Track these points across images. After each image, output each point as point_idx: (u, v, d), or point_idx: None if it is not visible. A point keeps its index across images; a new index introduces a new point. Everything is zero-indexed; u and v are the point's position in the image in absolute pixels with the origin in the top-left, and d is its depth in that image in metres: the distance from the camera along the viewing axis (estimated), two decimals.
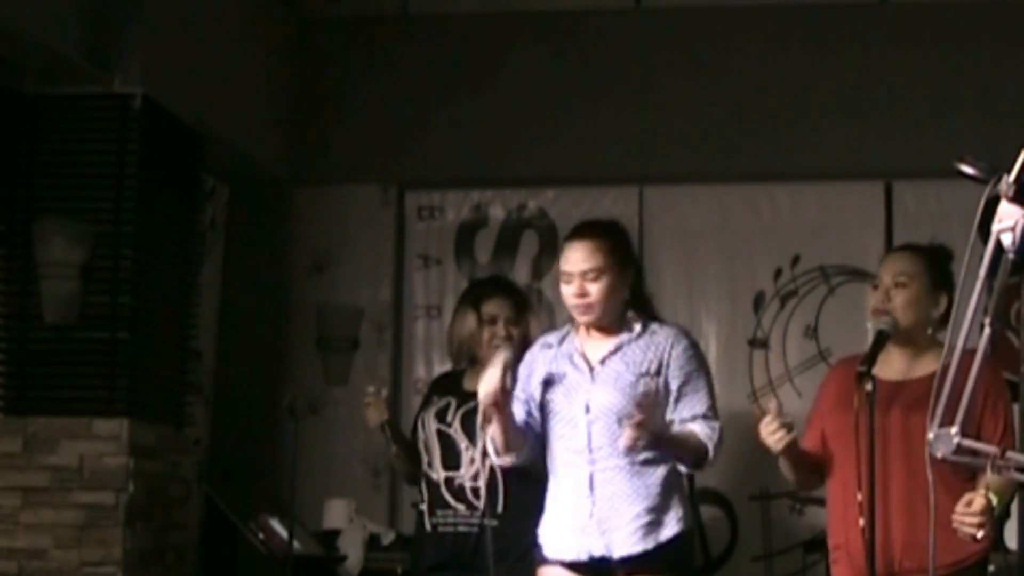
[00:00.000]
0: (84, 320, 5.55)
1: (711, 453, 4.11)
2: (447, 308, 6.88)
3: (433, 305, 7.09)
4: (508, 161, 7.03)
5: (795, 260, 6.93)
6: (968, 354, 2.91)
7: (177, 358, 6.02)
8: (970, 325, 2.85)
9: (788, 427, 3.92)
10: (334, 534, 6.48)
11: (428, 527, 4.89)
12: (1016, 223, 2.79)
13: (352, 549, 6.42)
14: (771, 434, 3.92)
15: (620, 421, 3.96)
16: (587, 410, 4.05)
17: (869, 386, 3.76)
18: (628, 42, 7.05)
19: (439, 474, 4.87)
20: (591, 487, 4.03)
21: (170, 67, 5.84)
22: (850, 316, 6.70)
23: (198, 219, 6.29)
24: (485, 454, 4.74)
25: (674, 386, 4.10)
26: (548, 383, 4.15)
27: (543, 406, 4.17)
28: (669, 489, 4.10)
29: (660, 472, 4.08)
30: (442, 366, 6.94)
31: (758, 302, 6.92)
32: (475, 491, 4.78)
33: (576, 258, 4.07)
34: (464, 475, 4.80)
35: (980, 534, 3.64)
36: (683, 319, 6.88)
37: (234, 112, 6.54)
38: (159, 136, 5.77)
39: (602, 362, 4.10)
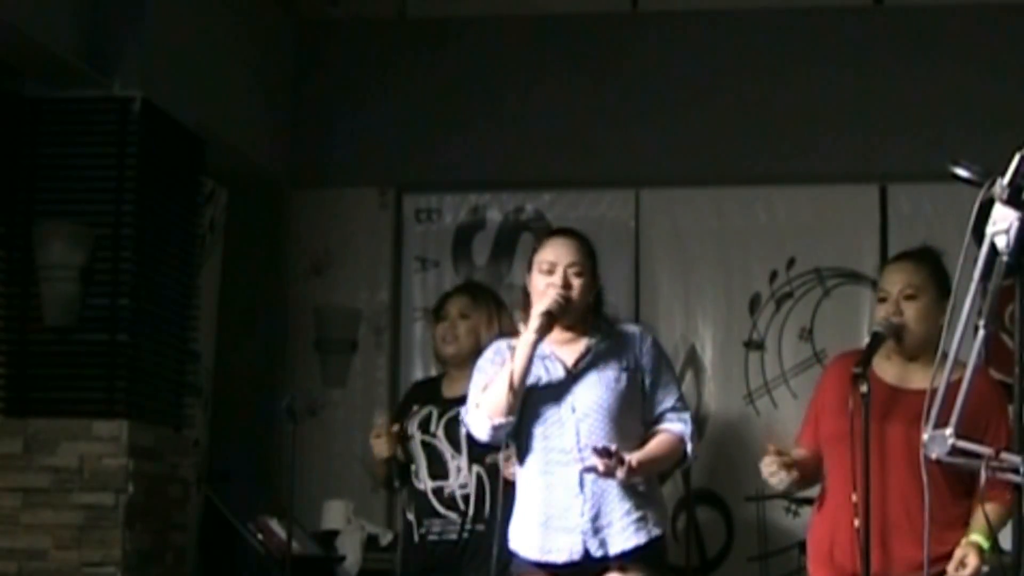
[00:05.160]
0: (84, 322, 5.57)
1: (690, 450, 4.20)
2: None
3: (431, 307, 7.08)
4: (505, 164, 7.06)
5: (791, 262, 6.95)
6: (965, 365, 2.92)
7: (176, 360, 6.04)
8: (964, 328, 2.87)
9: (788, 466, 3.95)
10: (332, 535, 6.50)
11: (416, 538, 4.92)
12: (1010, 226, 2.80)
13: (350, 550, 6.44)
14: (772, 475, 3.97)
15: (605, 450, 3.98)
16: (573, 410, 4.09)
17: (864, 388, 3.78)
18: (625, 46, 7.08)
19: (426, 484, 4.91)
20: (581, 486, 4.06)
21: (169, 70, 5.86)
22: (845, 318, 6.73)
23: (197, 222, 6.31)
24: (472, 461, 4.80)
25: (648, 381, 4.18)
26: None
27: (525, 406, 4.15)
28: (652, 488, 4.20)
29: None
30: (440, 368, 6.98)
31: (754, 304, 6.95)
32: (466, 498, 4.81)
33: (564, 251, 4.17)
34: (453, 483, 4.84)
35: None
36: (679, 321, 6.95)
37: (233, 115, 6.56)
38: (158, 139, 5.79)
39: (577, 363, 4.15)
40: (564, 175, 7.05)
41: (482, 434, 4.16)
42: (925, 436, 2.88)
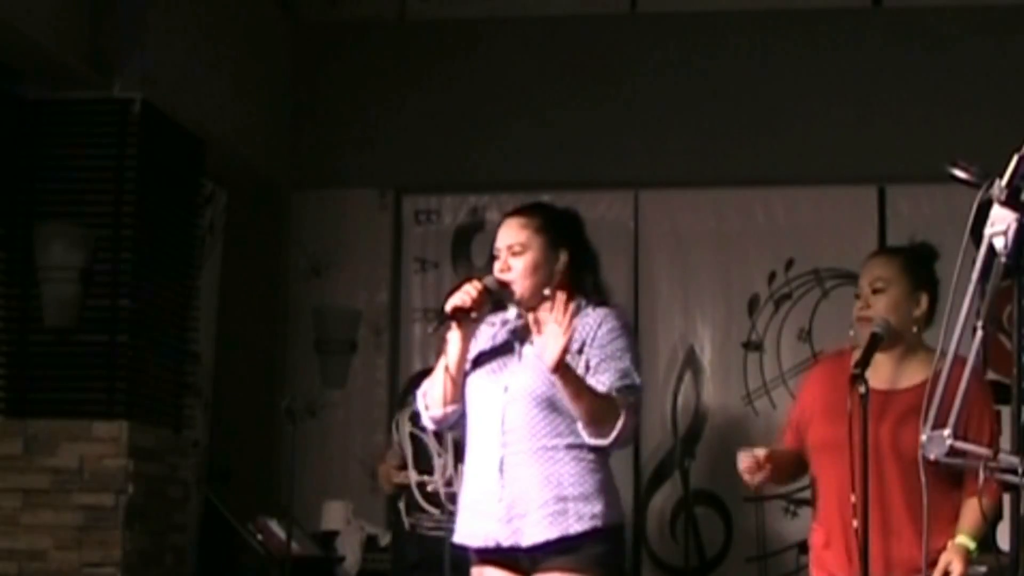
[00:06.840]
0: (84, 323, 5.59)
1: (620, 423, 3.76)
2: None
3: (430, 308, 7.10)
4: (504, 165, 7.06)
5: (789, 263, 6.96)
6: (959, 361, 2.93)
7: (176, 361, 6.05)
8: (962, 329, 2.88)
9: (760, 465, 3.92)
10: (332, 535, 6.51)
11: (407, 526, 4.97)
12: (1008, 227, 2.81)
13: (350, 550, 6.45)
14: (747, 470, 3.93)
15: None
16: (505, 390, 3.86)
17: (863, 388, 3.77)
18: (624, 47, 7.09)
19: (411, 477, 4.93)
20: (501, 471, 3.83)
21: (169, 72, 5.88)
22: (844, 319, 6.64)
23: (197, 223, 6.32)
24: (459, 460, 4.71)
25: (593, 362, 3.84)
26: (478, 361, 3.94)
27: (468, 383, 3.95)
28: (586, 481, 3.85)
29: (575, 461, 3.84)
30: None
31: (753, 305, 6.96)
32: (450, 496, 4.80)
33: (503, 235, 3.94)
34: (438, 480, 4.84)
35: None
36: (678, 322, 6.95)
37: (233, 117, 6.57)
38: (158, 141, 5.80)
39: (532, 343, 3.89)
40: (563, 176, 7.05)
41: (428, 423, 4.00)
42: (923, 437, 2.89)
